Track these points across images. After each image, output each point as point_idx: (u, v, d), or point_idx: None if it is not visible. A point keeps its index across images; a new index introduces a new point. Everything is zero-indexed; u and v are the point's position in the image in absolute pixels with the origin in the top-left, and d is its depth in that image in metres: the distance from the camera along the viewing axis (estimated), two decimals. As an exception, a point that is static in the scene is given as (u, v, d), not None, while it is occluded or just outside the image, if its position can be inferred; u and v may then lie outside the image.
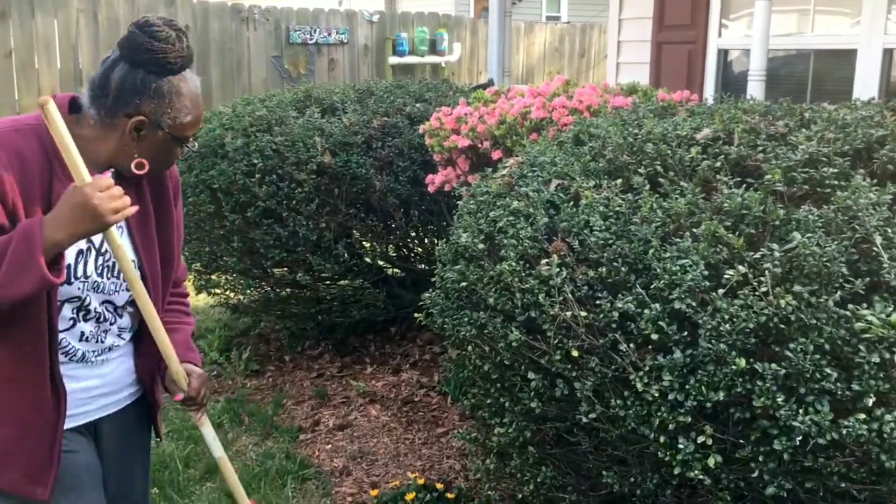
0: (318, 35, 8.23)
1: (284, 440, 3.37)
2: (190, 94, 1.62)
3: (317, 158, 3.64)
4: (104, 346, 1.70)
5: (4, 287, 1.42)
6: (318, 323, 4.30)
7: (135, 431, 1.87)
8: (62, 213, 1.47)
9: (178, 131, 1.63)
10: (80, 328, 1.65)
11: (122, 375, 1.77)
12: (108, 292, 1.67)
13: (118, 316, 1.71)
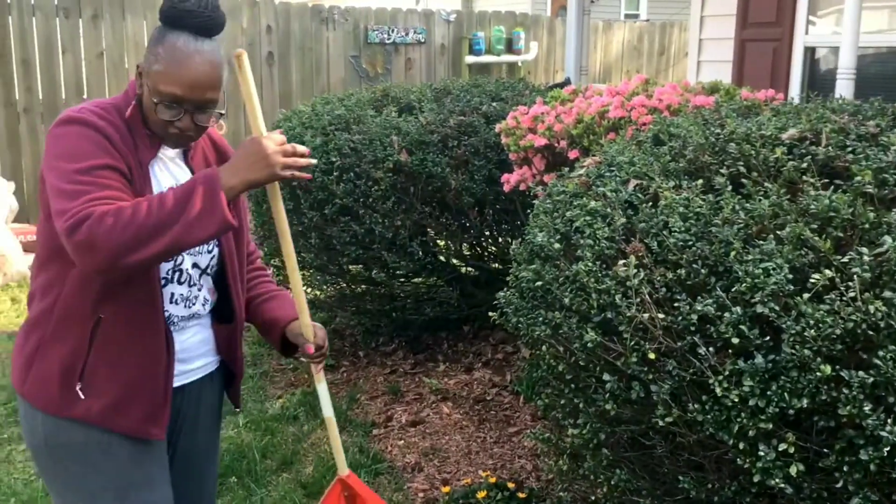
0: (395, 35, 8.30)
1: (358, 434, 3.42)
2: (173, 46, 1.59)
3: (393, 157, 3.68)
4: (191, 311, 1.75)
5: (192, 228, 1.49)
6: (392, 320, 4.34)
7: (207, 405, 1.89)
8: (238, 160, 1.56)
9: (154, 76, 1.59)
10: (170, 289, 1.70)
11: (196, 345, 1.80)
12: (194, 253, 1.72)
13: (201, 283, 1.76)
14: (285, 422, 3.56)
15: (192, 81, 1.59)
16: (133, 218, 1.47)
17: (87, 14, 6.86)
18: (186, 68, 1.59)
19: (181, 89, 1.59)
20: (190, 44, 1.59)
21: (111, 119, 1.62)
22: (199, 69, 1.59)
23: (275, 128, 4.20)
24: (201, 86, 1.60)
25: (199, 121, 1.64)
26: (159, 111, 1.61)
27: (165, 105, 1.60)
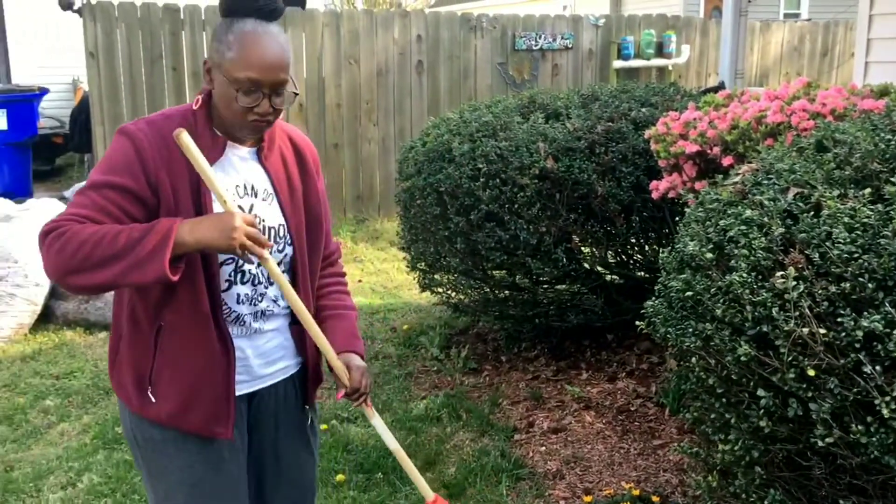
0: (542, 41, 8.29)
1: (500, 438, 3.44)
2: (242, 32, 1.62)
3: (540, 163, 3.69)
4: (258, 309, 1.78)
5: (132, 271, 1.55)
6: (534, 326, 4.34)
7: (291, 407, 1.92)
8: (205, 222, 1.60)
9: (227, 66, 1.62)
10: (235, 290, 1.75)
11: (274, 349, 1.84)
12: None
13: (270, 283, 1.78)
14: (429, 423, 3.64)
15: (267, 63, 1.62)
16: (85, 245, 1.55)
17: (251, 28, 7.27)
18: (261, 49, 1.62)
19: (257, 72, 1.62)
20: (258, 27, 1.63)
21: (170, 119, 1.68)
22: (272, 50, 1.63)
23: (424, 134, 4.30)
24: (275, 66, 1.63)
25: (275, 104, 1.66)
26: (239, 99, 1.63)
27: (244, 92, 1.63)
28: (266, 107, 1.65)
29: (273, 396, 1.88)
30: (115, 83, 6.91)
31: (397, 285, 5.97)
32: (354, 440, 3.48)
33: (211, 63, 1.67)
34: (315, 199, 1.87)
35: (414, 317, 5.21)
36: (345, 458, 3.33)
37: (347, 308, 1.96)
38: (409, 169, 4.22)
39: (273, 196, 1.79)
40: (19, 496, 3.08)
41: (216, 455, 1.79)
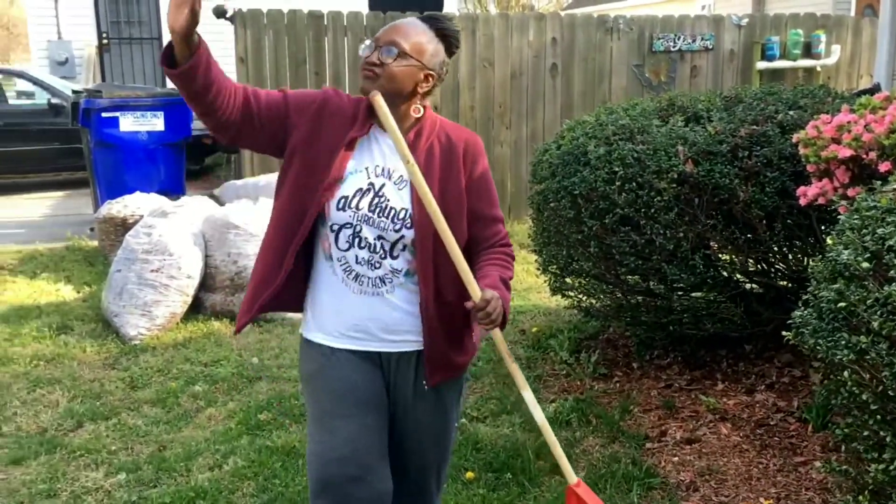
0: (681, 42, 8.10)
1: (630, 446, 3.39)
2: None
3: (678, 167, 3.61)
4: (376, 273, 2.02)
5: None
6: (668, 333, 4.24)
7: (414, 383, 2.11)
8: None
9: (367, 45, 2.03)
10: (355, 252, 2.01)
11: (394, 322, 2.05)
12: (380, 228, 2.00)
13: (390, 254, 2.01)
14: (558, 426, 3.63)
15: (389, 30, 2.00)
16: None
17: (390, 33, 7.47)
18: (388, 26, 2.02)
19: (380, 33, 2.01)
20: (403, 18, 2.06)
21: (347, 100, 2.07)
22: (398, 22, 2.02)
23: (559, 137, 4.29)
24: (391, 30, 1.99)
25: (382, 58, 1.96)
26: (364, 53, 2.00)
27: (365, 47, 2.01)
28: (374, 57, 1.97)
29: (406, 363, 2.09)
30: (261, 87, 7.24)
31: (527, 287, 5.98)
32: (484, 439, 3.51)
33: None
34: (455, 191, 2.05)
35: (543, 320, 5.20)
36: (474, 456, 3.37)
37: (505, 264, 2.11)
38: (542, 172, 4.22)
39: (407, 184, 2.01)
40: (171, 474, 3.28)
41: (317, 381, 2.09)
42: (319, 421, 2.05)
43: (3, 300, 5.60)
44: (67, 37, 12.52)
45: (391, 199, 2.01)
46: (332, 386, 2.05)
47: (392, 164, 2.03)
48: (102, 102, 7.09)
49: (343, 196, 2.00)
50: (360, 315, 2.04)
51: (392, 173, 2.03)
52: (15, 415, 3.84)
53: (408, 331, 2.07)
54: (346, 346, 2.06)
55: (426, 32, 2.02)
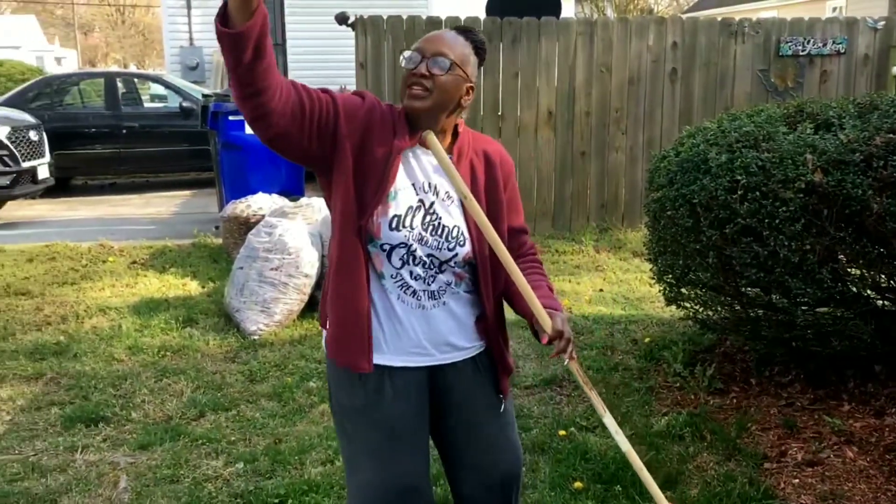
0: (811, 46, 7.75)
1: (748, 465, 3.27)
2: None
3: (806, 177, 3.45)
4: (431, 289, 1.99)
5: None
6: (789, 349, 4.07)
7: (479, 387, 2.11)
8: None
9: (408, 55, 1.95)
10: (409, 269, 1.96)
11: (448, 331, 2.02)
12: (432, 247, 1.96)
13: (440, 270, 1.99)
14: (670, 440, 3.54)
15: (434, 41, 1.94)
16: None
17: (508, 38, 7.48)
18: (430, 35, 1.97)
19: (423, 42, 1.95)
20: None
21: (386, 108, 1.97)
22: (439, 34, 1.96)
23: (678, 144, 4.19)
24: (436, 40, 1.93)
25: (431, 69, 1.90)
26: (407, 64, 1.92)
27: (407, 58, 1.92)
28: (421, 68, 1.90)
29: (459, 375, 2.08)
30: (380, 92, 7.41)
31: (640, 297, 5.86)
32: (593, 449, 3.46)
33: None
34: (497, 206, 2.06)
35: (656, 330, 5.08)
36: (583, 466, 3.33)
37: (542, 279, 2.12)
38: (660, 179, 4.13)
39: (454, 200, 2.00)
40: (285, 467, 3.39)
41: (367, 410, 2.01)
42: (374, 453, 2.00)
43: (136, 292, 5.93)
44: (199, 43, 13.15)
45: (443, 217, 1.98)
46: (387, 419, 1.99)
47: (436, 181, 1.99)
48: (230, 106, 7.40)
49: (396, 215, 1.93)
50: (419, 330, 2.00)
51: (438, 189, 1.99)
52: (143, 402, 4.06)
53: (464, 340, 2.06)
54: (405, 364, 2.01)
55: (466, 44, 1.97)
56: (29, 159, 8.81)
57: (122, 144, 10.82)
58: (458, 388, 2.08)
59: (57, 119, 10.63)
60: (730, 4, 26.75)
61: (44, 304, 5.63)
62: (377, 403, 2.00)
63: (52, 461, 3.47)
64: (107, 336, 4.99)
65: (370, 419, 2.00)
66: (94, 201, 10.46)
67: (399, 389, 2.01)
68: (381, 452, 1.99)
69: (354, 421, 2.03)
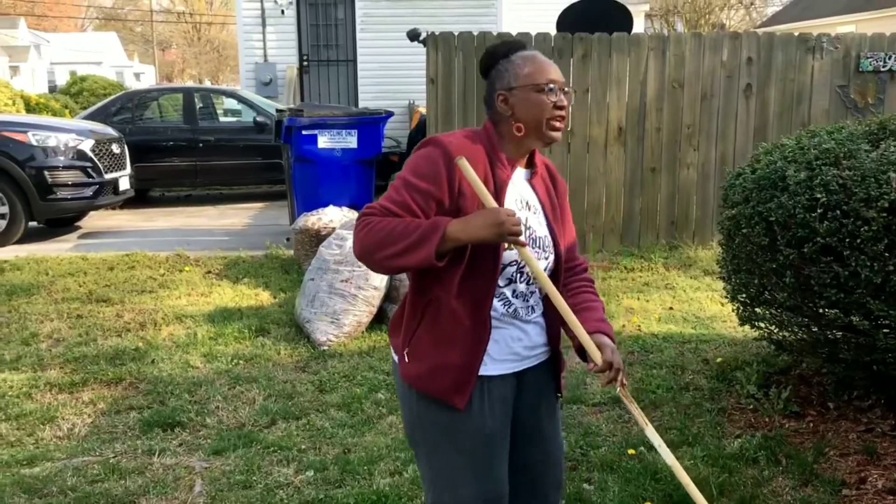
0: (892, 62, 7.53)
1: (826, 491, 3.18)
2: (523, 57, 2.02)
3: (890, 195, 3.36)
4: (529, 304, 2.08)
5: (403, 255, 1.87)
6: (870, 373, 3.94)
7: (545, 386, 2.21)
8: (473, 220, 1.88)
9: (525, 80, 1.99)
10: (513, 286, 2.04)
11: (538, 335, 2.13)
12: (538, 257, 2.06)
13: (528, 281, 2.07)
14: (744, 463, 3.46)
15: (554, 69, 2.04)
16: (381, 232, 1.89)
17: (578, 54, 7.47)
18: (547, 63, 2.03)
19: (553, 74, 2.02)
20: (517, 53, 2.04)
21: (472, 140, 2.01)
22: (542, 60, 2.05)
23: (754, 161, 4.12)
24: (558, 71, 2.04)
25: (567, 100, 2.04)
26: (548, 99, 1.99)
27: (548, 90, 1.99)
28: (564, 100, 2.02)
29: (536, 375, 2.17)
30: (449, 107, 7.48)
31: (710, 316, 5.76)
32: (663, 469, 3.41)
33: (505, 91, 2.02)
34: (564, 218, 2.19)
35: (728, 350, 4.98)
36: (653, 486, 3.29)
37: (595, 300, 2.20)
38: (735, 196, 4.06)
39: (540, 211, 2.11)
40: (354, 476, 3.43)
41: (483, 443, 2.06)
42: (473, 465, 2.05)
43: (211, 301, 6.09)
44: (273, 59, 13.46)
45: (536, 230, 2.08)
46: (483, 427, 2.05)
47: (525, 195, 2.10)
48: (303, 121, 7.56)
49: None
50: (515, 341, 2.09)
51: (529, 203, 2.10)
52: (217, 409, 4.16)
53: (542, 343, 2.16)
54: (502, 372, 2.08)
55: None
56: (111, 171, 9.14)
57: (198, 157, 11.13)
58: (532, 387, 2.18)
59: (137, 132, 11.01)
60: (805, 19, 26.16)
61: (123, 311, 5.82)
62: (477, 414, 2.04)
63: (130, 464, 3.58)
64: (183, 343, 5.13)
65: (468, 431, 2.04)
66: (170, 212, 10.78)
67: (495, 398, 2.07)
68: (481, 463, 2.06)
69: (450, 435, 2.06)
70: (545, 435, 2.22)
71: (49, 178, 8.50)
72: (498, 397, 2.07)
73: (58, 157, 8.66)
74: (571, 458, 3.57)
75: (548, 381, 2.22)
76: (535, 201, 2.11)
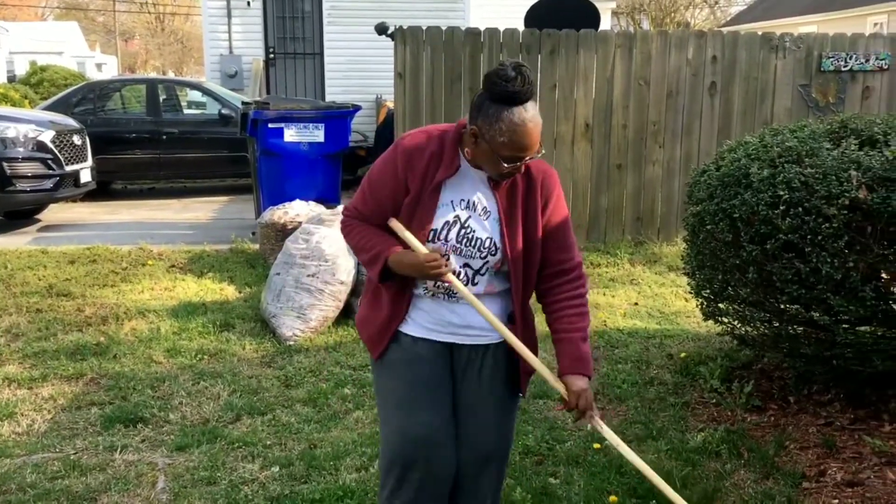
0: (853, 62, 7.67)
1: (786, 484, 3.23)
2: (511, 122, 2.06)
3: (850, 193, 3.41)
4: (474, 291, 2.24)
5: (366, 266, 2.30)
6: (830, 368, 4.01)
7: (493, 376, 2.34)
8: (405, 259, 2.18)
9: (495, 148, 2.09)
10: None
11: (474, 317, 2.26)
12: (467, 256, 2.23)
13: (472, 281, 2.25)
14: (707, 456, 3.51)
15: (530, 145, 2.09)
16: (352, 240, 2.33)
17: (546, 50, 7.49)
18: (527, 137, 2.08)
19: (523, 152, 2.10)
20: (523, 115, 2.07)
21: (426, 140, 2.22)
22: (534, 135, 2.09)
23: (719, 158, 4.17)
24: (535, 145, 2.11)
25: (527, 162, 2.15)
26: (503, 167, 2.11)
27: (508, 161, 2.10)
28: (522, 167, 2.16)
29: (481, 359, 2.32)
30: (417, 102, 7.46)
31: (675, 311, 5.82)
32: (628, 463, 3.41)
33: (480, 135, 2.11)
34: (533, 222, 2.24)
35: (692, 345, 5.04)
36: (618, 480, 3.32)
37: (577, 330, 2.28)
38: (700, 193, 4.10)
39: (492, 215, 2.22)
40: (320, 472, 3.41)
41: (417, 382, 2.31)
42: (398, 407, 2.31)
43: (174, 296, 6.01)
44: (238, 51, 13.32)
45: (476, 230, 2.21)
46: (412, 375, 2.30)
47: (475, 197, 2.23)
48: (269, 114, 7.49)
49: (433, 229, 2.21)
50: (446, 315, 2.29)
51: (476, 206, 2.23)
52: (181, 404, 4.11)
53: (483, 327, 2.29)
54: (428, 336, 2.30)
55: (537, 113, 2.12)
56: (72, 163, 8.98)
57: (161, 150, 10.98)
58: (473, 368, 2.33)
59: (99, 124, 10.82)
60: (768, 19, 26.52)
61: (84, 306, 5.73)
62: (397, 363, 2.32)
63: (91, 460, 3.53)
64: (146, 338, 5.07)
65: (389, 376, 2.33)
66: (133, 205, 10.63)
67: (417, 355, 2.30)
68: (405, 404, 2.30)
69: (378, 377, 2.39)
70: (481, 423, 2.35)
71: (8, 170, 8.33)
72: (423, 356, 2.30)
73: (17, 148, 8.49)
74: (537, 453, 3.59)
75: (498, 371, 2.35)
76: (491, 205, 2.23)
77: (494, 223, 2.22)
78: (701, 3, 36.05)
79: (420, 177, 2.20)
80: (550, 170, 2.31)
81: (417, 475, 2.28)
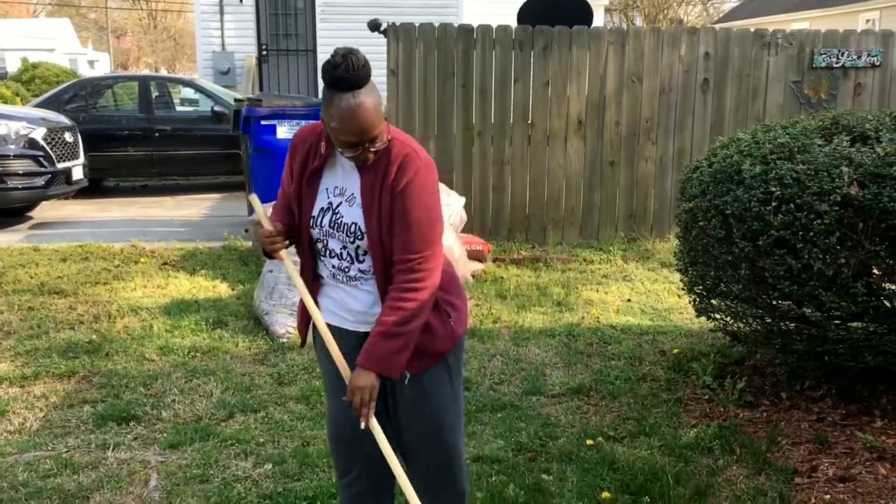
0: (845, 58, 7.69)
1: (778, 479, 3.24)
2: (339, 108, 2.08)
3: (842, 189, 3.43)
4: (349, 275, 2.32)
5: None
6: (822, 363, 4.03)
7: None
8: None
9: (331, 133, 2.15)
10: (328, 261, 2.34)
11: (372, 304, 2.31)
12: (340, 240, 2.29)
13: (357, 259, 2.30)
14: (699, 452, 3.52)
15: (361, 130, 2.10)
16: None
17: (539, 46, 7.49)
18: (355, 122, 2.08)
19: (355, 137, 2.11)
20: (350, 101, 2.07)
21: (309, 133, 2.33)
22: (364, 120, 2.08)
23: (711, 154, 4.18)
24: (369, 130, 2.10)
25: (374, 149, 2.16)
26: (345, 153, 2.17)
27: (347, 147, 2.14)
28: (367, 154, 2.16)
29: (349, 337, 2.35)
30: (410, 98, 7.44)
31: (668, 308, 5.83)
32: (620, 459, 3.45)
33: (323, 121, 2.18)
34: (386, 209, 2.23)
35: (685, 341, 5.05)
36: (610, 476, 3.32)
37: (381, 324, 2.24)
38: (692, 189, 4.11)
39: (356, 200, 2.27)
40: (313, 469, 3.41)
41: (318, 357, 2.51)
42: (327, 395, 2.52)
43: (167, 293, 5.99)
44: (231, 48, 13.29)
45: (344, 215, 2.28)
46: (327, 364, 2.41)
47: (346, 184, 2.29)
48: (262, 111, 7.47)
49: (312, 216, 2.31)
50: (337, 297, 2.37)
51: (345, 191, 2.29)
52: (174, 402, 4.10)
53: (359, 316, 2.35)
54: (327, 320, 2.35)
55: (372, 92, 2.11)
56: (64, 160, 8.94)
57: (154, 147, 10.95)
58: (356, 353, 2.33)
59: (91, 121, 10.78)
60: (760, 15, 26.57)
61: (77, 304, 5.71)
62: (318, 352, 2.47)
63: (84, 458, 3.52)
64: (138, 336, 5.05)
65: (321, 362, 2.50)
66: (126, 202, 10.60)
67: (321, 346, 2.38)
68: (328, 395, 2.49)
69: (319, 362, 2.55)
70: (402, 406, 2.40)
71: (-1, 167, 8.29)
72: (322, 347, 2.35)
73: (8, 145, 8.45)
74: (530, 449, 3.59)
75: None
76: (356, 190, 2.27)
77: (358, 208, 2.27)
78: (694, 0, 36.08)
79: (300, 166, 2.32)
80: (413, 156, 2.22)
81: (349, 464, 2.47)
